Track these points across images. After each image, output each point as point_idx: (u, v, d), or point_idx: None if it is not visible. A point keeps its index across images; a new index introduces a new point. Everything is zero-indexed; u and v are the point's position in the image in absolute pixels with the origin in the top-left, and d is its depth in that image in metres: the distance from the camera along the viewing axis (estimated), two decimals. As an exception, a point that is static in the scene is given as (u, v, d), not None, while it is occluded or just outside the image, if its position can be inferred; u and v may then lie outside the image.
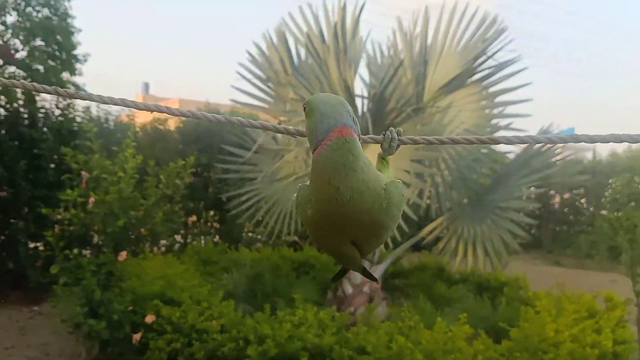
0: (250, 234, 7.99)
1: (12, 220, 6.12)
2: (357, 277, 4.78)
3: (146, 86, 30.76)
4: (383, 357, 3.22)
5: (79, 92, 0.97)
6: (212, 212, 7.78)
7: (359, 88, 4.81)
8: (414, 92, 4.62)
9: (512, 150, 5.95)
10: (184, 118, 8.29)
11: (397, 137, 1.02)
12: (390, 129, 1.04)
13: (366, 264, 4.93)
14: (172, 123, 8.46)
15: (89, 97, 1.00)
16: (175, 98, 25.48)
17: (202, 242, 7.45)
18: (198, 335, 3.57)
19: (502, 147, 5.75)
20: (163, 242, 6.00)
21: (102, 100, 1.00)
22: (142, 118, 8.58)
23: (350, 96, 4.34)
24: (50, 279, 3.68)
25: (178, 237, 7.01)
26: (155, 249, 5.79)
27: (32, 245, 6.20)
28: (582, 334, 3.59)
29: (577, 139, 0.94)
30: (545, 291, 4.72)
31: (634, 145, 10.65)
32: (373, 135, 1.07)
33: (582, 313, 3.89)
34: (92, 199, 3.55)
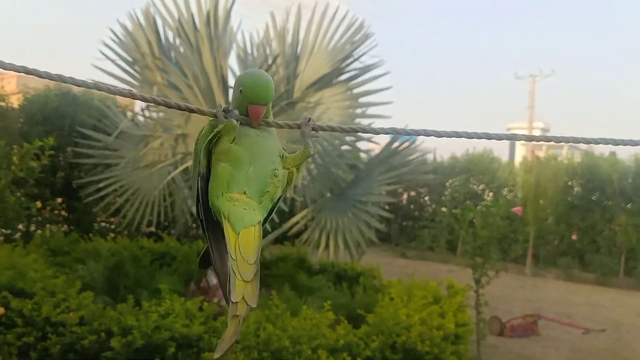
0: (102, 224, 7.53)
1: None
2: (222, 267, 4.78)
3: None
4: (252, 344, 3.29)
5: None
6: (59, 199, 7.20)
7: (230, 79, 4.80)
8: (286, 88, 4.74)
9: (372, 149, 6.37)
10: (28, 95, 7.56)
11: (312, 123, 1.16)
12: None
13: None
14: (15, 100, 7.66)
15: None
16: (12, 74, 22.92)
17: (49, 231, 6.86)
18: (53, 328, 3.33)
19: (363, 145, 6.14)
20: (3, 231, 5.45)
21: None
22: (-20, 92, 7.64)
23: (224, 86, 4.33)
24: None
25: (20, 226, 6.38)
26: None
27: None
28: (430, 317, 3.98)
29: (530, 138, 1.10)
30: (397, 280, 5.14)
31: (471, 149, 11.92)
32: (289, 122, 1.14)
33: (429, 299, 4.31)
34: None
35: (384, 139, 7.28)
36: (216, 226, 1.08)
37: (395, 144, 5.51)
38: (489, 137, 1.12)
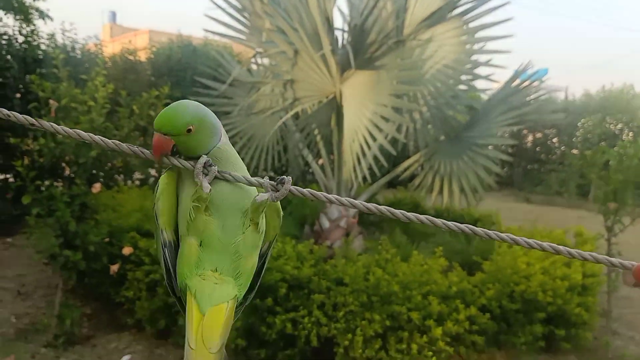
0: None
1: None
2: (334, 212, 4.82)
3: (113, 15, 29.41)
4: (360, 288, 3.28)
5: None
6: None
7: (337, 20, 4.67)
8: (395, 25, 4.50)
9: (490, 88, 5.94)
10: (154, 48, 7.96)
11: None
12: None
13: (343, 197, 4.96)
14: (143, 54, 8.15)
15: None
16: (144, 29, 24.47)
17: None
18: (176, 267, 3.57)
19: (480, 84, 5.74)
20: (138, 175, 5.90)
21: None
22: (111, 48, 8.25)
23: (330, 28, 4.20)
24: (22, 211, 3.58)
25: (153, 172, 6.91)
26: (129, 182, 5.69)
27: (1, 177, 6.04)
28: (553, 267, 3.71)
29: None
30: (518, 226, 4.84)
31: (607, 86, 10.76)
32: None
33: (552, 247, 4.00)
34: (63, 129, 3.42)
35: (504, 76, 6.77)
36: None
37: (517, 82, 5.06)
38: None
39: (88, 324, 3.89)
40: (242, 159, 4.05)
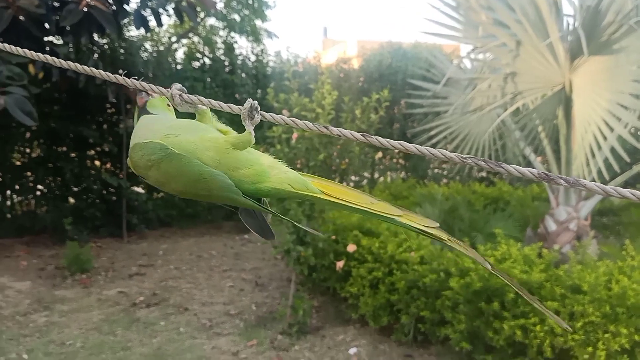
0: (436, 170, 7.88)
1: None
2: (562, 213, 4.43)
3: (325, 30, 31.48)
4: (602, 297, 2.94)
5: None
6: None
7: (566, 5, 4.27)
8: (633, 3, 3.96)
9: None
10: (364, 56, 8.24)
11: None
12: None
13: (572, 198, 4.52)
14: (356, 62, 8.52)
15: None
16: (352, 40, 25.71)
17: (389, 178, 7.54)
18: (398, 265, 3.63)
19: None
20: (352, 177, 6.18)
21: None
22: (329, 59, 8.79)
23: (558, 13, 3.88)
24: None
25: (366, 173, 7.18)
26: (344, 184, 5.99)
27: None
28: None
29: None
30: None
31: None
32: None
33: None
34: (295, 135, 3.74)
35: None
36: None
37: None
38: None
39: (316, 315, 4.18)
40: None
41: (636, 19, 3.81)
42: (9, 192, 6.50)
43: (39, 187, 6.57)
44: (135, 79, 0.90)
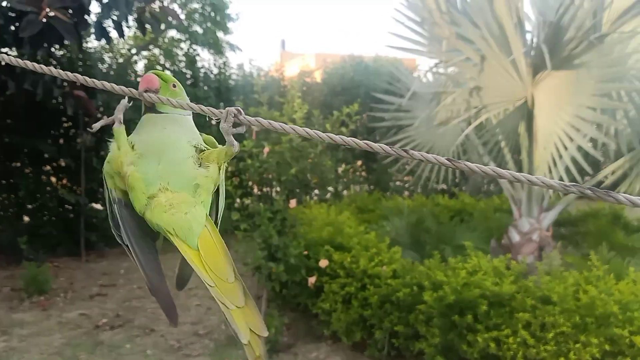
0: (397, 183, 7.95)
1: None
2: (525, 224, 4.53)
3: (282, 43, 31.58)
4: (571, 307, 3.01)
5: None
6: (359, 162, 7.83)
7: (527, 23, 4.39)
8: (592, 20, 4.12)
9: None
10: (326, 69, 8.29)
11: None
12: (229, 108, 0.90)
13: (534, 210, 4.63)
14: (318, 75, 8.55)
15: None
16: (311, 53, 25.82)
17: (353, 191, 7.56)
18: (370, 280, 3.61)
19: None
20: (315, 191, 6.17)
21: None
22: (289, 72, 8.78)
23: (522, 29, 3.99)
24: (230, 226, 3.93)
25: (329, 187, 7.18)
26: (307, 198, 5.97)
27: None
28: None
29: None
30: None
31: None
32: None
33: None
34: (266, 149, 3.69)
35: None
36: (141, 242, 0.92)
37: None
38: None
39: (288, 333, 4.11)
40: (422, 171, 3.99)
41: (595, 35, 3.97)
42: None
43: (-9, 204, 6.26)
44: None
